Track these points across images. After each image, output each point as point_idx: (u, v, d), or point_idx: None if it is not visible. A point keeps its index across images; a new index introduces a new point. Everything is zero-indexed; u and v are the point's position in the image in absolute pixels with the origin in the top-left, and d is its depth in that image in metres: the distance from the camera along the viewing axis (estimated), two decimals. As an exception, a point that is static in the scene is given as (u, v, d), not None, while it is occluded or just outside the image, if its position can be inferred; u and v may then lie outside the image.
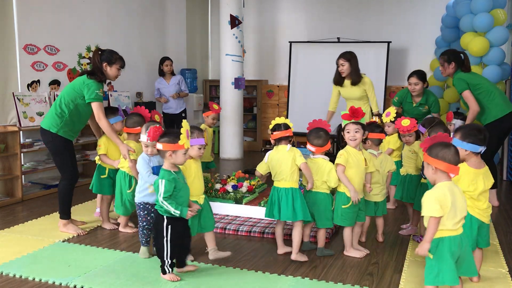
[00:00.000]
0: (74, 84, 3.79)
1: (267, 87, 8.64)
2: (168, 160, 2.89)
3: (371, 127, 3.62)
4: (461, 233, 2.42)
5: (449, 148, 2.42)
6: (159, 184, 2.83)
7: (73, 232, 3.83)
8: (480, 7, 5.90)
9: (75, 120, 3.82)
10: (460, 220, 2.40)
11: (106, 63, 3.84)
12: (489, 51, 5.92)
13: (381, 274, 3.12)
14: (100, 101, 3.76)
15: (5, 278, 3.02)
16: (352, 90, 5.10)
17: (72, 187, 3.89)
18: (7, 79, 5.04)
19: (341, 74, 5.08)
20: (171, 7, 7.83)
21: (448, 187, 2.40)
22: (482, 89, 4.57)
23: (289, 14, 8.64)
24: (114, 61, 3.86)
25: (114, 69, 3.88)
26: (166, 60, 6.85)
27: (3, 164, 4.95)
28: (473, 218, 2.82)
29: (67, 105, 3.75)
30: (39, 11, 5.38)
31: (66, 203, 3.89)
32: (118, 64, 3.89)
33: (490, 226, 4.11)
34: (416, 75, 5.08)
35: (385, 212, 3.71)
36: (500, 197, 5.28)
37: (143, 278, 3.00)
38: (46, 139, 3.82)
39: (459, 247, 2.39)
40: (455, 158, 2.41)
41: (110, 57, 3.85)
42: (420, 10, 7.81)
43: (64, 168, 3.85)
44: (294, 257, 3.32)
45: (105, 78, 3.86)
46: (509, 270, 3.18)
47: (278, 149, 3.35)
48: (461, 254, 2.41)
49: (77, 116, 3.82)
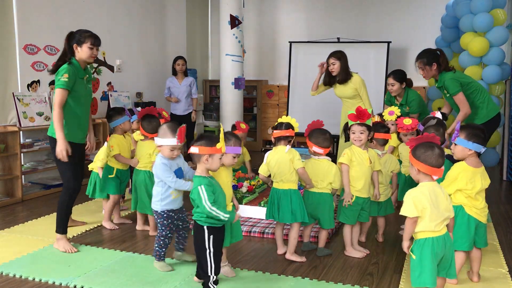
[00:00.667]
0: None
1: (267, 87, 8.64)
2: (203, 165, 2.72)
3: (377, 127, 3.62)
4: (445, 234, 2.41)
5: (432, 150, 2.38)
6: (200, 191, 2.65)
7: (62, 250, 3.47)
8: (480, 7, 5.90)
9: (72, 117, 3.46)
10: (443, 221, 2.39)
11: (75, 44, 3.46)
12: (489, 51, 5.92)
13: (381, 274, 3.12)
14: (63, 87, 3.33)
15: (5, 278, 3.02)
16: (342, 89, 5.03)
17: (71, 200, 3.54)
18: (7, 79, 5.04)
19: (331, 73, 5.00)
20: (171, 7, 7.83)
21: (429, 188, 2.39)
22: (473, 88, 4.42)
23: (289, 14, 8.64)
24: (83, 39, 3.45)
25: (85, 48, 3.46)
26: (178, 59, 6.66)
27: (3, 164, 4.95)
28: (470, 218, 2.82)
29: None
30: (39, 11, 5.38)
31: (61, 217, 3.52)
32: (89, 42, 3.46)
33: (490, 226, 4.12)
34: (393, 75, 5.08)
35: (392, 211, 3.71)
36: (500, 197, 5.29)
37: (143, 278, 3.00)
38: (51, 146, 3.51)
39: (443, 248, 2.38)
40: (438, 161, 2.38)
41: (79, 36, 3.46)
42: (420, 10, 7.81)
43: (63, 177, 3.54)
44: (289, 256, 3.33)
45: (75, 61, 3.48)
46: (509, 270, 3.18)
47: (277, 149, 3.33)
48: (445, 254, 2.41)
49: (72, 113, 3.45)
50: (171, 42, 7.84)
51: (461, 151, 2.82)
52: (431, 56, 4.44)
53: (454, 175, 2.81)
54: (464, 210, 2.82)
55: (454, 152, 2.87)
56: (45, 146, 5.25)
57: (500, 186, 5.86)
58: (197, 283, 2.93)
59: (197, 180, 2.70)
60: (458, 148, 2.82)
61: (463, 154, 2.82)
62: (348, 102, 5.04)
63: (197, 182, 2.69)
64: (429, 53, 4.49)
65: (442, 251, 2.38)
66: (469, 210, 2.81)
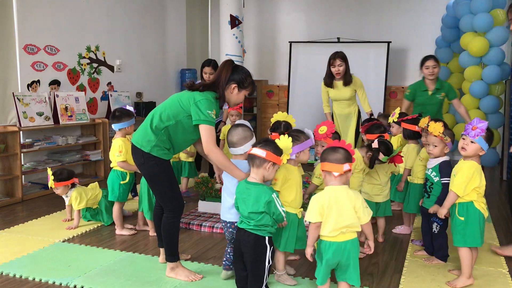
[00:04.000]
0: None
1: (267, 87, 8.65)
2: (263, 172, 2.56)
3: (371, 128, 3.61)
4: (343, 242, 2.40)
5: (335, 150, 2.44)
6: (275, 199, 2.52)
7: (185, 279, 2.96)
8: (480, 7, 5.91)
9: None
10: (341, 228, 2.39)
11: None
12: (489, 51, 5.92)
13: (381, 274, 3.12)
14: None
15: (5, 278, 3.02)
16: (343, 91, 4.99)
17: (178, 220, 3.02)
18: (7, 79, 5.04)
19: (336, 75, 4.95)
20: (171, 7, 7.83)
21: (330, 193, 2.42)
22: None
23: (289, 14, 8.64)
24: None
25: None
26: (205, 67, 5.23)
27: (3, 164, 4.95)
28: (480, 213, 2.85)
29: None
30: (39, 11, 5.37)
31: (173, 242, 2.98)
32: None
33: (490, 226, 4.13)
34: (433, 58, 4.85)
35: (389, 214, 3.70)
36: (500, 197, 5.28)
37: (143, 278, 3.00)
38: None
39: (334, 256, 2.40)
40: (337, 157, 2.41)
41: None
42: (420, 10, 7.81)
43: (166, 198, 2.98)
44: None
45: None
46: (509, 270, 3.18)
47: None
48: (340, 263, 2.43)
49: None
50: (171, 42, 7.84)
51: (476, 149, 2.81)
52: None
53: (469, 175, 2.81)
54: (474, 205, 2.84)
55: (466, 149, 2.83)
56: (45, 146, 5.25)
57: (500, 186, 5.86)
58: (197, 282, 2.93)
59: (266, 188, 2.54)
60: (475, 146, 2.81)
61: (475, 152, 2.83)
62: (343, 103, 5.03)
63: (268, 190, 2.54)
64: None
65: (334, 259, 2.41)
66: (478, 206, 2.85)
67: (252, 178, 2.60)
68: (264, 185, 2.58)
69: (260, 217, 2.52)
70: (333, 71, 4.88)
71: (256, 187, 2.55)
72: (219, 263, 3.25)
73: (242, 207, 2.59)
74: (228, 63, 2.94)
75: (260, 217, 2.52)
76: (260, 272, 2.55)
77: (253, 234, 2.53)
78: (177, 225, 2.96)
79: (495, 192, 5.50)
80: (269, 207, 2.51)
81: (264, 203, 2.50)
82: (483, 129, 2.79)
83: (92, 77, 6.18)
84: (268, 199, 2.51)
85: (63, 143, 5.44)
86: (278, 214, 2.54)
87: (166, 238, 2.95)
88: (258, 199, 2.52)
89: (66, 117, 5.53)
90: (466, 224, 2.84)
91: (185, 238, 3.75)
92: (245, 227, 2.56)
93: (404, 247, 3.63)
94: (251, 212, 2.53)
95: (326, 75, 5.01)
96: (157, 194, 2.96)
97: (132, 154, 2.94)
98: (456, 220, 2.88)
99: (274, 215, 2.54)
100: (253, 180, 2.59)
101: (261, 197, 2.51)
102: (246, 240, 2.54)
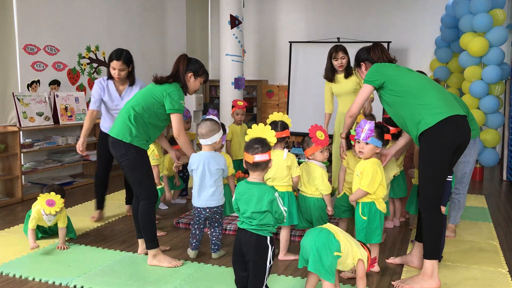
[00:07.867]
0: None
1: (267, 87, 8.65)
2: (264, 172, 2.64)
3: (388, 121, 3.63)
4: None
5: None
6: (277, 198, 2.55)
7: (168, 265, 3.17)
8: (479, 7, 5.91)
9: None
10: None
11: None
12: (488, 51, 5.92)
13: (381, 274, 3.12)
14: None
15: (5, 278, 3.02)
16: (345, 83, 4.85)
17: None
18: (7, 79, 5.04)
19: (338, 68, 4.85)
20: (171, 7, 7.83)
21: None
22: None
23: (289, 14, 8.64)
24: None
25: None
26: (113, 61, 4.16)
27: (3, 164, 4.95)
28: (381, 214, 3.02)
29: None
30: (39, 11, 5.38)
31: (151, 228, 3.22)
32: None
33: (490, 226, 4.14)
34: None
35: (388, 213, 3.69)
36: (500, 197, 5.29)
37: (143, 278, 3.00)
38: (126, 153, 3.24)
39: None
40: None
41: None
42: (420, 10, 7.81)
43: (142, 186, 3.23)
44: (282, 257, 3.32)
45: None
46: (509, 270, 3.18)
47: (274, 153, 3.15)
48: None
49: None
50: (171, 42, 7.84)
51: (372, 149, 2.98)
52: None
53: (374, 172, 2.94)
54: (375, 205, 3.00)
55: (363, 152, 2.99)
56: (45, 146, 5.25)
57: (500, 186, 5.86)
58: (197, 282, 2.93)
59: (270, 188, 2.58)
60: (370, 147, 2.97)
61: (372, 152, 3.00)
62: (347, 98, 4.96)
63: (271, 190, 2.56)
64: None
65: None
66: (379, 206, 3.01)
67: (253, 178, 2.61)
68: (266, 184, 2.60)
69: (262, 217, 2.52)
70: (336, 64, 4.75)
71: (259, 187, 2.56)
72: (220, 262, 3.25)
73: (244, 207, 2.58)
74: (183, 57, 3.32)
75: (262, 216, 2.52)
76: (261, 272, 2.55)
77: (255, 234, 2.53)
78: (154, 212, 3.22)
79: (495, 192, 5.50)
80: (271, 205, 2.53)
81: (268, 202, 2.51)
82: (372, 129, 2.94)
83: (92, 77, 6.18)
84: (271, 198, 2.52)
85: (63, 143, 5.44)
86: (280, 213, 2.56)
87: (145, 224, 3.17)
88: (261, 198, 2.53)
89: (66, 117, 5.54)
90: (368, 223, 2.99)
91: (185, 238, 3.75)
92: (247, 228, 2.55)
93: (404, 247, 3.64)
94: (254, 212, 2.53)
95: (327, 69, 4.87)
96: (136, 182, 3.19)
97: (111, 149, 3.19)
98: (359, 219, 3.03)
99: (276, 213, 2.55)
100: (254, 180, 2.60)
101: (264, 196, 2.53)
102: (248, 240, 2.54)
